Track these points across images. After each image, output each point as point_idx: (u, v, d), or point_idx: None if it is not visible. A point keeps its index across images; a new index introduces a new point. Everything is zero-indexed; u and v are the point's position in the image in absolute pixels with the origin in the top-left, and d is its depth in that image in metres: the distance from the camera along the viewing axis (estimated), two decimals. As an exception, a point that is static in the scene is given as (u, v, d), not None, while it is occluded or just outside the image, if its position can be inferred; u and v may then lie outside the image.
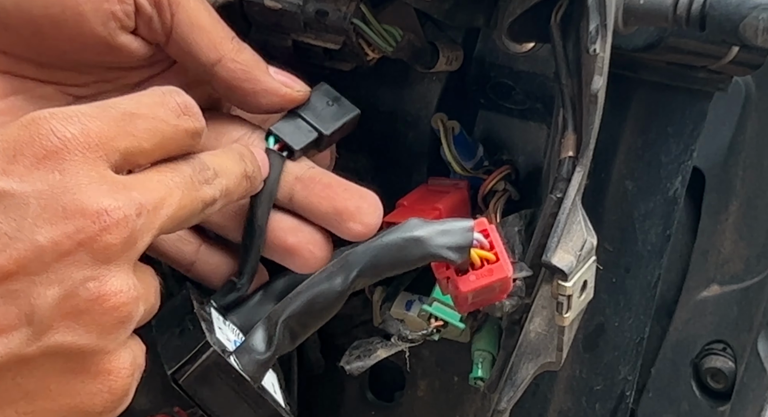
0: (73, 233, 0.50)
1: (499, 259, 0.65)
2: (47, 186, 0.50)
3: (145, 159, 0.55)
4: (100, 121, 0.53)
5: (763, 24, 0.62)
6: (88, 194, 0.51)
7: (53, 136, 0.51)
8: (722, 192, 0.95)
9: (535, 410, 0.87)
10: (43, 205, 0.50)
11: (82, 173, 0.51)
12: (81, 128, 0.52)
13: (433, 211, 0.76)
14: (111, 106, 0.54)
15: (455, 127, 0.79)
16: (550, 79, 0.79)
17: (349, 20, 0.72)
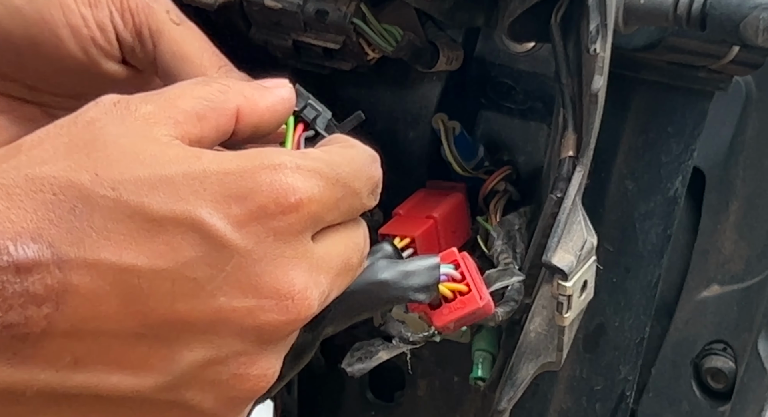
0: (254, 309, 0.48)
1: (471, 289, 0.65)
2: (254, 247, 0.48)
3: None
4: (327, 189, 0.51)
5: (763, 23, 0.62)
6: (285, 273, 0.49)
7: (291, 195, 0.49)
8: (722, 192, 0.95)
9: (536, 410, 0.87)
10: (241, 266, 0.48)
11: (290, 247, 0.49)
12: (313, 193, 0.50)
13: (427, 219, 0.77)
14: (335, 167, 0.52)
15: (456, 127, 0.79)
16: (550, 78, 0.79)
17: (349, 20, 0.72)
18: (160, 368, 0.48)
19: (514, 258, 0.73)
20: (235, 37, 0.80)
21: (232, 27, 0.78)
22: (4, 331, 0.44)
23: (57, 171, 0.46)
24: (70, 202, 0.46)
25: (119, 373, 0.47)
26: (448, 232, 0.78)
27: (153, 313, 0.47)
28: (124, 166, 0.47)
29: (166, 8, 0.61)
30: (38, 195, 0.46)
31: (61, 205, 0.46)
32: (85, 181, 0.46)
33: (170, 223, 0.47)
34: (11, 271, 0.44)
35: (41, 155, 0.48)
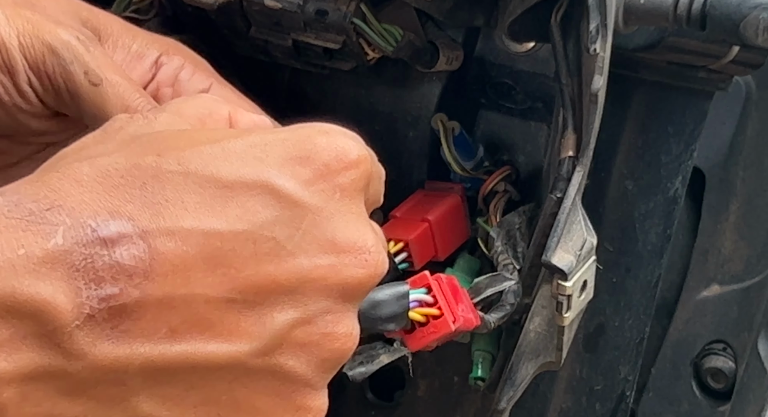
0: (335, 265, 0.49)
1: (443, 313, 0.65)
2: (324, 204, 0.49)
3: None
4: (372, 162, 0.53)
5: (763, 23, 0.62)
6: (357, 228, 0.50)
7: (350, 153, 0.51)
8: (722, 192, 0.95)
9: (535, 410, 0.87)
10: (315, 223, 0.49)
11: (354, 204, 0.50)
12: (365, 154, 0.52)
13: (422, 223, 0.77)
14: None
15: (455, 127, 0.79)
16: (550, 78, 0.79)
17: (349, 20, 0.72)
18: (252, 333, 0.48)
19: (515, 257, 0.73)
20: (235, 37, 0.80)
21: (232, 27, 0.78)
22: (101, 304, 0.45)
23: (119, 159, 0.47)
24: (139, 181, 0.47)
25: (214, 340, 0.47)
26: (444, 235, 0.78)
27: (240, 276, 0.47)
28: (184, 145, 0.48)
29: (84, 69, 0.61)
30: (106, 180, 0.46)
31: (131, 184, 0.46)
32: (150, 162, 0.47)
33: (241, 188, 0.48)
34: (98, 244, 0.45)
35: (100, 150, 0.49)
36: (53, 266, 0.44)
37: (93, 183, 0.46)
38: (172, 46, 0.67)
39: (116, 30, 0.65)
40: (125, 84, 0.61)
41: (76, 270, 0.44)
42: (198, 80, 0.66)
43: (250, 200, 0.48)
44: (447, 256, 0.79)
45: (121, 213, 0.46)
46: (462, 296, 0.67)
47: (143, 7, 0.83)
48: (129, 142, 0.49)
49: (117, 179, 0.47)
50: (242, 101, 0.66)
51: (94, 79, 0.60)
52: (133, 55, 0.65)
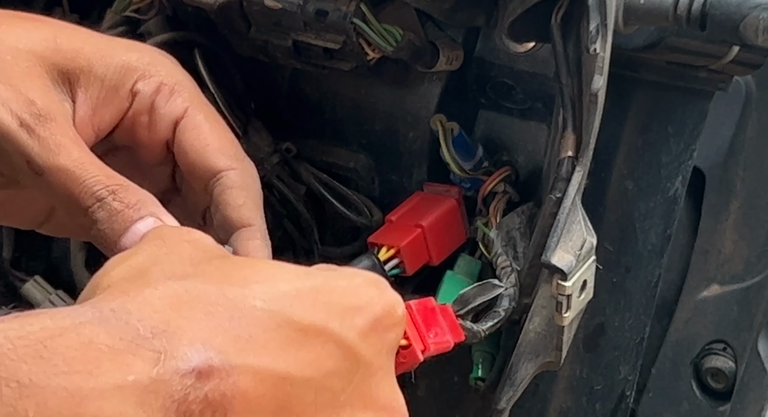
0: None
1: (411, 343, 0.65)
2: (373, 359, 0.51)
3: None
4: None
5: (763, 23, 0.62)
6: (393, 387, 0.53)
7: (398, 309, 0.53)
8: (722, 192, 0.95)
9: (535, 410, 0.87)
10: (365, 378, 0.51)
11: (391, 360, 0.53)
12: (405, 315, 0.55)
13: (415, 228, 0.77)
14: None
15: (454, 128, 0.79)
16: (550, 78, 0.79)
17: (349, 20, 0.72)
18: None
19: (514, 258, 0.73)
20: (235, 37, 0.80)
21: (233, 27, 0.78)
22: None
23: (208, 286, 0.49)
24: (227, 313, 0.48)
25: None
26: (439, 240, 0.78)
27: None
28: (262, 278, 0.50)
29: (26, 159, 0.59)
30: (199, 306, 0.48)
31: (219, 315, 0.48)
32: (235, 294, 0.49)
33: (313, 334, 0.49)
34: (194, 376, 0.46)
35: (179, 269, 0.50)
36: (156, 396, 0.45)
37: (188, 308, 0.48)
38: (153, 63, 0.65)
39: (90, 62, 0.63)
40: (68, 170, 0.59)
41: (174, 401, 0.45)
42: (173, 106, 0.64)
43: (319, 347, 0.49)
44: (441, 261, 0.79)
45: (213, 345, 0.47)
46: (437, 318, 0.67)
47: (143, 6, 0.83)
48: (205, 264, 0.51)
49: (208, 307, 0.48)
50: (217, 127, 0.66)
51: (36, 169, 0.59)
52: (108, 88, 0.63)
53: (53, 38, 0.62)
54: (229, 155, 0.64)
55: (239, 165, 0.65)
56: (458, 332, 0.68)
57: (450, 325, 0.68)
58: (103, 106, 0.63)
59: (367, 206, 0.83)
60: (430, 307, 0.67)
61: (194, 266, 0.51)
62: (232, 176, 0.64)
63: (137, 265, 0.51)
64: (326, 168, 0.84)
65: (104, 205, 0.59)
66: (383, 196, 0.84)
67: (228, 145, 0.65)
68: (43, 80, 0.61)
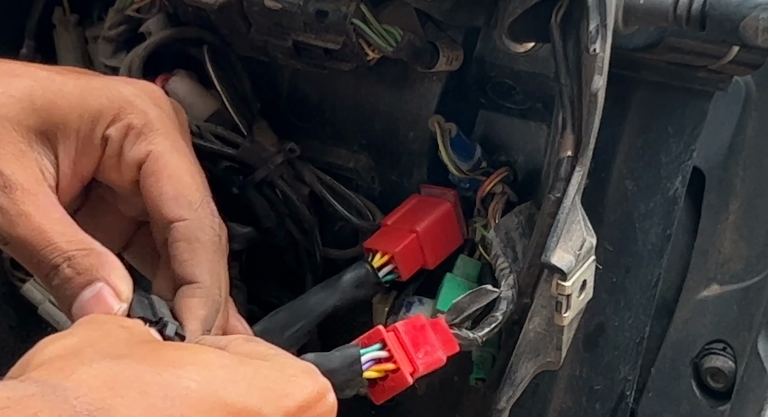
0: None
1: (400, 367, 0.66)
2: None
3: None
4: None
5: (763, 24, 0.62)
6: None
7: (329, 394, 0.58)
8: (722, 192, 0.95)
9: (535, 410, 0.87)
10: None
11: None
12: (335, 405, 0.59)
13: (409, 233, 0.77)
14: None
15: (452, 129, 0.79)
16: (550, 78, 0.79)
17: (349, 20, 0.72)
18: None
19: (514, 259, 0.73)
20: (235, 37, 0.80)
21: (233, 27, 0.78)
22: None
23: (138, 366, 0.51)
24: (161, 392, 0.50)
25: None
26: (434, 244, 0.78)
27: None
28: (195, 363, 0.52)
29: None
30: (133, 385, 0.50)
31: (153, 395, 0.50)
32: (170, 375, 0.51)
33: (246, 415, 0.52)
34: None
35: (109, 350, 0.52)
36: None
37: (122, 387, 0.49)
38: (126, 103, 0.65)
39: (65, 116, 0.64)
40: (29, 240, 0.61)
41: None
42: (137, 150, 0.65)
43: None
44: (437, 265, 0.79)
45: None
46: (427, 336, 0.68)
47: (144, 6, 0.83)
48: (140, 346, 0.53)
49: (143, 387, 0.50)
50: (179, 171, 0.65)
51: (1, 238, 0.61)
52: (83, 139, 0.64)
53: (27, 97, 0.63)
54: (183, 204, 0.64)
55: (191, 215, 0.64)
56: (452, 345, 0.69)
57: (442, 339, 0.69)
58: (81, 156, 0.65)
59: (370, 209, 0.83)
60: (419, 326, 0.68)
61: (129, 348, 0.52)
62: (181, 229, 0.64)
63: (72, 345, 0.52)
64: (326, 168, 0.85)
65: (58, 272, 0.60)
66: (383, 195, 0.84)
67: (185, 192, 0.65)
68: (17, 145, 0.62)
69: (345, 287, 0.75)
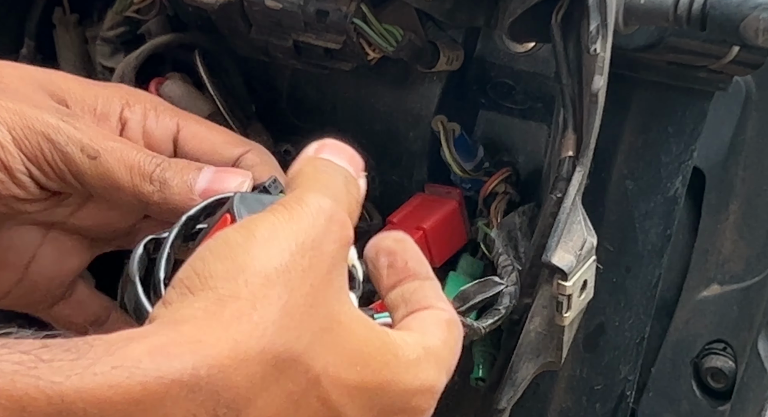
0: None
1: None
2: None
3: None
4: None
5: (763, 24, 0.62)
6: None
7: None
8: (722, 192, 0.95)
9: (536, 410, 0.87)
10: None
11: None
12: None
13: (416, 231, 0.77)
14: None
15: (455, 129, 0.79)
16: (550, 78, 0.79)
17: (349, 20, 0.72)
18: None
19: (516, 258, 0.73)
20: (235, 37, 0.80)
21: (233, 27, 0.78)
22: None
23: (298, 349, 0.48)
24: (297, 395, 0.48)
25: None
26: (440, 242, 0.78)
27: None
28: (341, 361, 0.50)
29: (80, 145, 0.61)
30: (282, 379, 0.48)
31: (292, 395, 0.48)
32: (317, 375, 0.49)
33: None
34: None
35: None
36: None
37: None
38: (131, 96, 0.67)
39: (78, 93, 0.65)
40: (121, 147, 0.62)
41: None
42: (164, 125, 0.66)
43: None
44: (443, 262, 0.79)
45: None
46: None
47: (144, 7, 0.83)
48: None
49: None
50: (211, 126, 0.68)
51: (91, 153, 0.61)
52: (99, 116, 0.65)
53: (42, 71, 0.65)
54: (236, 143, 0.66)
55: (250, 146, 0.66)
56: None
57: None
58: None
59: (367, 210, 0.83)
60: None
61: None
62: (251, 157, 0.65)
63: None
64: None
65: (170, 164, 0.61)
66: (384, 196, 0.84)
67: (230, 136, 0.67)
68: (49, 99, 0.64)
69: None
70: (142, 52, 0.82)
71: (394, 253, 0.58)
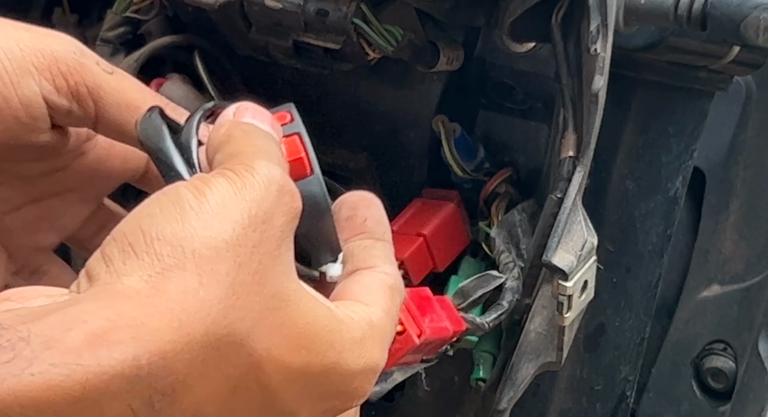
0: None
1: (406, 328, 0.66)
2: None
3: None
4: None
5: (764, 23, 0.62)
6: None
7: (360, 400, 0.53)
8: (723, 192, 0.95)
9: (536, 410, 0.87)
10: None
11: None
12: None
13: (417, 237, 0.77)
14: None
15: (456, 129, 0.79)
16: (550, 78, 0.79)
17: (349, 20, 0.72)
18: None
19: (518, 255, 0.73)
20: (235, 37, 0.80)
21: (233, 27, 0.78)
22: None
23: (241, 331, 0.46)
24: (235, 380, 0.46)
25: None
26: (442, 246, 0.78)
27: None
28: (286, 344, 0.48)
29: (95, 60, 0.60)
30: (222, 363, 0.46)
31: (230, 380, 0.46)
32: (259, 359, 0.47)
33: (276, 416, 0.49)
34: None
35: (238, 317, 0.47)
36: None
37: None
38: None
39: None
40: (126, 78, 0.61)
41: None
42: (153, 95, 0.63)
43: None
44: (447, 266, 0.79)
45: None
46: (433, 306, 0.67)
47: (144, 7, 0.83)
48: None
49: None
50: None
51: (106, 68, 0.59)
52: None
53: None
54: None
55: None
56: (458, 322, 0.68)
57: (449, 314, 0.68)
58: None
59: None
60: (424, 296, 0.67)
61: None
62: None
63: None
64: (326, 168, 0.84)
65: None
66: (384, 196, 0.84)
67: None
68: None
69: None
70: (142, 53, 0.82)
71: (356, 208, 0.57)
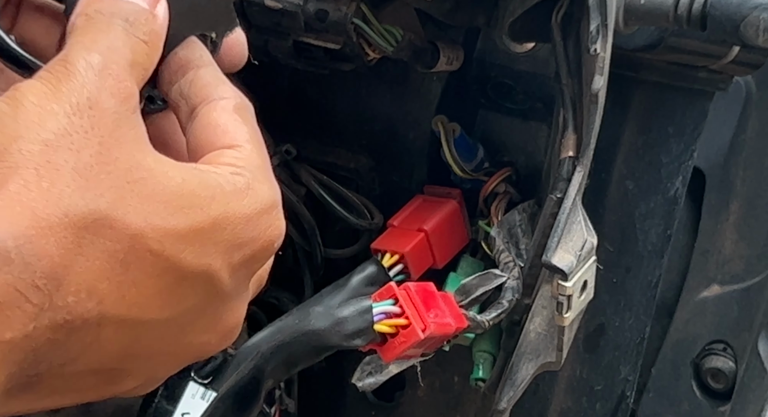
0: (207, 344, 0.52)
1: (411, 322, 0.66)
2: (234, 290, 0.51)
3: None
4: None
5: (763, 24, 0.62)
6: (241, 311, 0.52)
7: (279, 240, 0.51)
8: (722, 192, 0.95)
9: (536, 410, 0.87)
10: (218, 309, 0.51)
11: (249, 282, 0.53)
12: None
13: (418, 233, 0.77)
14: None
15: (456, 129, 0.79)
16: (550, 79, 0.79)
17: (349, 20, 0.72)
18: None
19: (518, 255, 0.73)
20: (235, 37, 0.79)
21: (232, 27, 0.78)
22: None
23: (105, 207, 0.46)
24: (122, 254, 0.46)
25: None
26: (442, 243, 0.78)
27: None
28: (163, 209, 0.47)
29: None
30: (98, 241, 0.45)
31: (115, 255, 0.46)
32: (139, 230, 0.46)
33: (191, 277, 0.48)
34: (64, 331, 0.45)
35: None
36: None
37: (88, 243, 0.46)
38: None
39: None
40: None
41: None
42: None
43: (189, 289, 0.49)
44: (446, 264, 0.79)
45: (97, 293, 0.46)
46: (437, 302, 0.68)
47: (143, 7, 0.83)
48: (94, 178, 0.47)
49: (106, 243, 0.46)
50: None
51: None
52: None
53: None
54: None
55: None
56: (460, 318, 0.69)
57: (452, 310, 0.69)
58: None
59: (368, 208, 0.83)
60: (429, 291, 0.68)
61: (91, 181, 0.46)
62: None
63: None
64: (326, 168, 0.84)
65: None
66: (384, 196, 0.84)
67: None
68: None
69: (357, 286, 0.75)
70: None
71: (175, 52, 0.54)
